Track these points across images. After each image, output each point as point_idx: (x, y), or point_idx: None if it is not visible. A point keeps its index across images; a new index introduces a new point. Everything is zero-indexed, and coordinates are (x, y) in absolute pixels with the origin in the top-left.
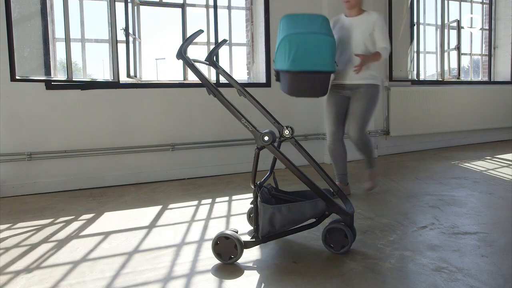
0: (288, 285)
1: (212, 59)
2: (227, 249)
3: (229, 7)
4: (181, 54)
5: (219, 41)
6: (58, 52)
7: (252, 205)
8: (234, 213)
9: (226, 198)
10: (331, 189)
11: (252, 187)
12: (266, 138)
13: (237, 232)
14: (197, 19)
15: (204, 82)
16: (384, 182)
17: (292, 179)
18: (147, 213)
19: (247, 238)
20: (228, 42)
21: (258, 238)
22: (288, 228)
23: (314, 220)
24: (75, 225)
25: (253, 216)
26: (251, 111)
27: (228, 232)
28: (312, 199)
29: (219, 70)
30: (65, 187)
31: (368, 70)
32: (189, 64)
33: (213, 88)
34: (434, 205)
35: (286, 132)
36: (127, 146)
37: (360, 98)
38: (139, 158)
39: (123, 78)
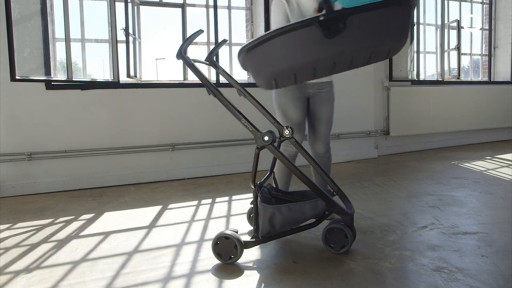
0: (288, 285)
1: (212, 59)
2: (227, 249)
3: (229, 7)
4: (181, 54)
5: (219, 41)
6: (58, 52)
7: (252, 205)
8: (234, 213)
9: (226, 198)
10: (331, 189)
11: (252, 187)
12: (266, 138)
13: (237, 232)
14: (197, 19)
15: (204, 82)
16: (384, 182)
17: (292, 179)
18: (147, 213)
19: (247, 238)
20: (228, 42)
21: (258, 238)
22: (288, 228)
23: (314, 220)
24: (75, 225)
25: (253, 216)
26: (251, 111)
27: (228, 232)
28: (312, 199)
29: (219, 70)
30: (65, 187)
31: None
32: (189, 64)
33: (213, 88)
34: (434, 205)
35: (286, 132)
36: (127, 146)
37: (328, 99)
38: (139, 158)
39: (123, 78)
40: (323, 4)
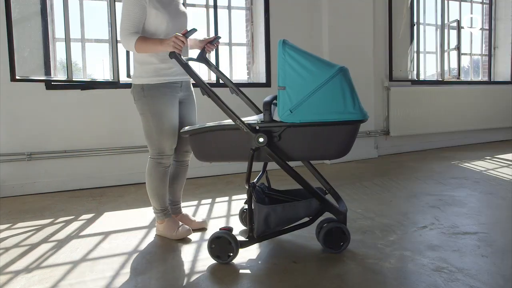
0: (288, 285)
1: (204, 56)
2: (223, 249)
3: (229, 7)
4: (174, 53)
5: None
6: (58, 52)
7: (245, 205)
8: (234, 213)
9: (226, 198)
10: (323, 188)
11: (246, 187)
12: (261, 139)
13: (231, 229)
14: (197, 19)
15: (198, 82)
16: (384, 182)
17: (287, 178)
18: (147, 213)
19: (241, 238)
20: (228, 42)
21: (253, 237)
22: (283, 227)
23: (308, 218)
24: (75, 225)
25: (248, 215)
26: (249, 111)
27: (222, 232)
28: (304, 198)
29: (212, 68)
30: (65, 187)
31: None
32: (182, 63)
33: (207, 88)
34: (434, 205)
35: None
36: (127, 146)
37: (194, 101)
38: (139, 158)
39: (123, 78)
40: (264, 110)
